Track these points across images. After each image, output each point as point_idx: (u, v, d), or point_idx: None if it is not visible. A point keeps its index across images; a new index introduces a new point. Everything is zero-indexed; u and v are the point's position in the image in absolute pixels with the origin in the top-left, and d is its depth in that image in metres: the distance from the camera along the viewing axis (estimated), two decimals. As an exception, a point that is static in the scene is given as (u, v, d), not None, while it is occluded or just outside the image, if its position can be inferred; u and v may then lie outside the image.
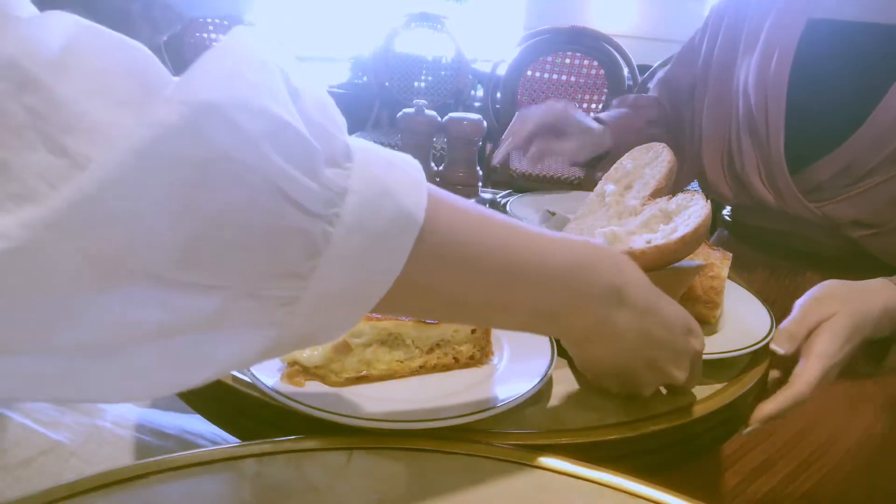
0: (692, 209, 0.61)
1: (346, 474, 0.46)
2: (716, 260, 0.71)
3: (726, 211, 1.12)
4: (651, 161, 0.76)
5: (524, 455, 0.48)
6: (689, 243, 0.58)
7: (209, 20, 2.70)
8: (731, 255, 0.72)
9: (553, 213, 0.95)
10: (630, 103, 1.16)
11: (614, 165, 0.79)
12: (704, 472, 0.79)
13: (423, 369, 0.62)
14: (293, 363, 0.57)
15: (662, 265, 0.60)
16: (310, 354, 0.57)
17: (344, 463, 0.47)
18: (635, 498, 0.46)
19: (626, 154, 0.80)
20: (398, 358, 0.61)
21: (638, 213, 0.68)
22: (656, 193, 0.70)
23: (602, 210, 0.73)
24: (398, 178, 0.37)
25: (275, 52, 0.34)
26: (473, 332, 0.62)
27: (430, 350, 0.62)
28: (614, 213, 0.71)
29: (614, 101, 1.19)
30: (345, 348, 0.59)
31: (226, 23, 2.71)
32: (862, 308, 0.67)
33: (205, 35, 2.76)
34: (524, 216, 0.97)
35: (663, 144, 0.77)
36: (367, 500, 0.44)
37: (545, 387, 0.58)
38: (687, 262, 0.62)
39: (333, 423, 0.50)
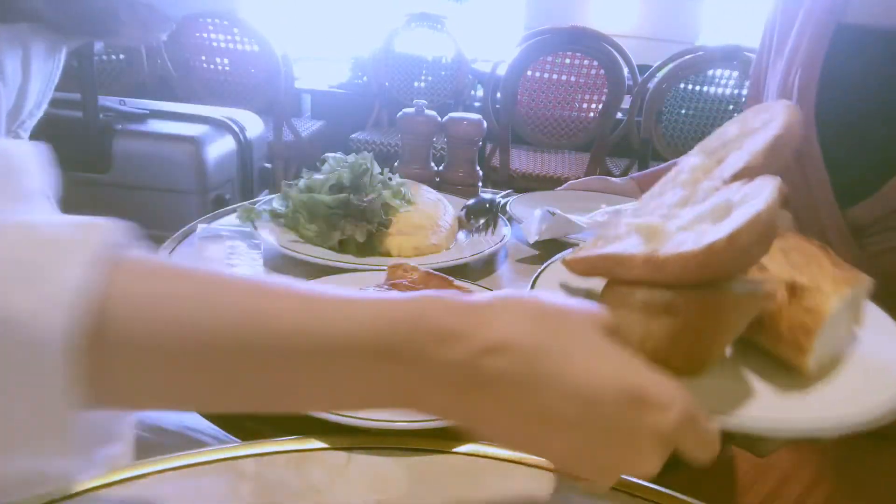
0: (757, 199, 0.41)
1: (346, 474, 0.46)
2: (822, 282, 0.48)
3: None
4: (761, 127, 0.55)
5: (523, 456, 0.48)
6: (740, 248, 0.39)
7: (209, 20, 2.70)
8: (864, 277, 0.51)
9: (553, 213, 0.93)
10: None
11: (716, 132, 0.59)
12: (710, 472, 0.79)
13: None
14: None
15: (704, 279, 0.41)
16: None
17: (344, 463, 0.47)
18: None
19: (736, 116, 0.60)
20: None
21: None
22: (747, 173, 0.48)
23: (673, 191, 0.53)
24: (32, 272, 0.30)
25: None
26: None
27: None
28: (682, 199, 0.50)
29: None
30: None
31: (226, 23, 2.71)
32: None
33: (205, 35, 2.75)
34: (524, 216, 0.97)
35: (786, 103, 0.55)
36: (366, 500, 0.44)
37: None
38: (748, 280, 0.44)
39: (333, 423, 0.50)
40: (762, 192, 0.41)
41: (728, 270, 0.41)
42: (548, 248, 0.95)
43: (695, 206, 0.47)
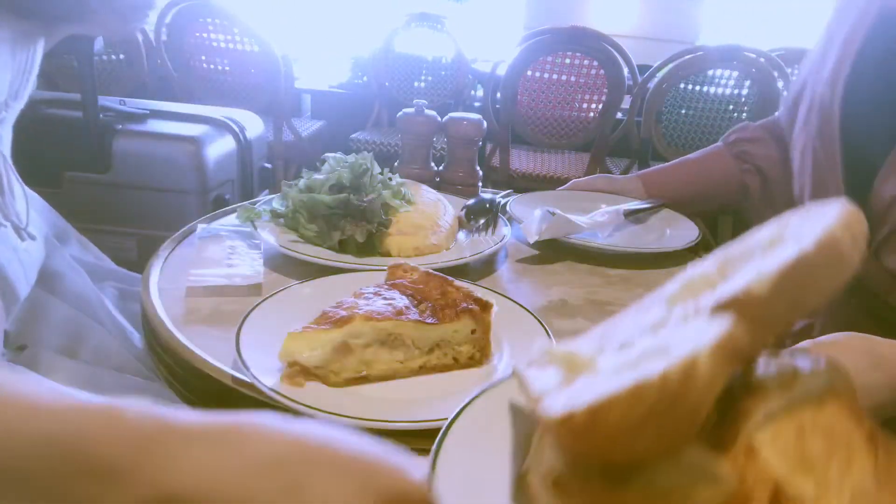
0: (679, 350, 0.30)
1: (346, 474, 0.46)
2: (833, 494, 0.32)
3: None
4: (792, 238, 0.36)
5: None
6: (609, 426, 0.29)
7: (209, 20, 2.70)
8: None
9: (553, 213, 0.93)
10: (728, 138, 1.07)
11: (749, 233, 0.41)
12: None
13: (423, 370, 0.61)
14: (293, 364, 0.57)
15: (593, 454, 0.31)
16: (309, 354, 0.57)
17: (344, 463, 0.47)
18: None
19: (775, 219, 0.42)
20: (398, 358, 0.60)
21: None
22: (740, 305, 0.32)
23: (659, 306, 0.38)
24: None
25: None
26: (473, 332, 0.62)
27: (430, 350, 0.61)
28: (660, 320, 0.36)
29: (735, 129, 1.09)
30: (344, 349, 0.58)
31: (226, 23, 2.70)
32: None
33: (205, 35, 2.75)
34: (524, 216, 0.97)
35: (844, 205, 0.35)
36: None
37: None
38: (693, 465, 0.32)
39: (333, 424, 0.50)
40: (700, 338, 0.29)
41: (605, 451, 0.30)
42: (548, 248, 0.95)
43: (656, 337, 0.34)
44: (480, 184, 1.18)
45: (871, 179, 0.74)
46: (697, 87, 2.59)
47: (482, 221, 0.96)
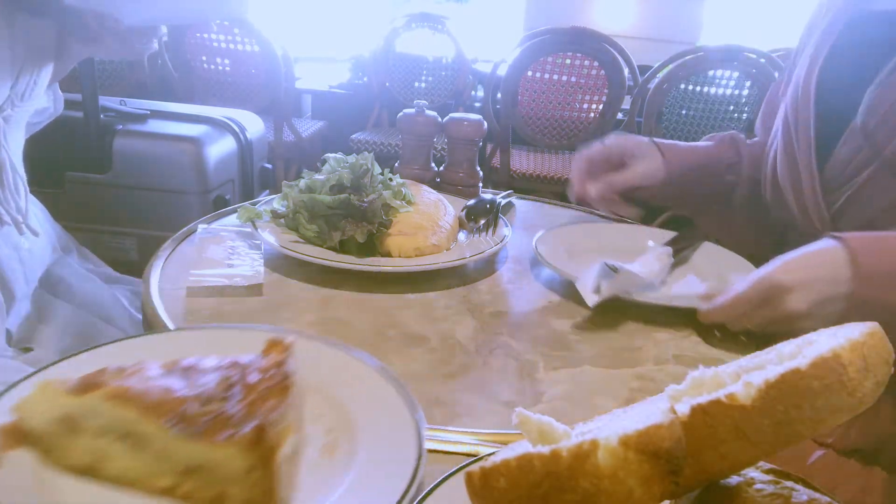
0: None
1: (345, 475, 0.46)
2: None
3: None
4: (800, 352, 0.35)
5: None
6: None
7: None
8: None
9: (615, 269, 0.77)
10: (716, 138, 1.06)
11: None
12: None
13: (172, 494, 0.43)
14: (17, 410, 0.43)
15: None
16: (40, 416, 0.43)
17: (344, 463, 0.47)
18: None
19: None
20: (141, 464, 0.43)
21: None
22: (704, 415, 0.33)
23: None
24: None
25: None
26: (251, 471, 0.41)
27: (185, 473, 0.42)
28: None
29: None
30: (71, 425, 0.43)
31: (226, 23, 2.70)
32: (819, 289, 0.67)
33: (205, 35, 2.75)
34: (563, 264, 0.84)
35: (870, 326, 0.34)
36: (367, 500, 0.44)
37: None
38: None
39: (333, 424, 0.50)
40: (626, 426, 0.29)
41: None
42: (608, 308, 0.79)
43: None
44: (481, 184, 1.18)
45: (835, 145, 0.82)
46: (698, 88, 2.59)
47: (483, 222, 0.96)
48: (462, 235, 0.95)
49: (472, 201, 1.00)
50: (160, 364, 0.45)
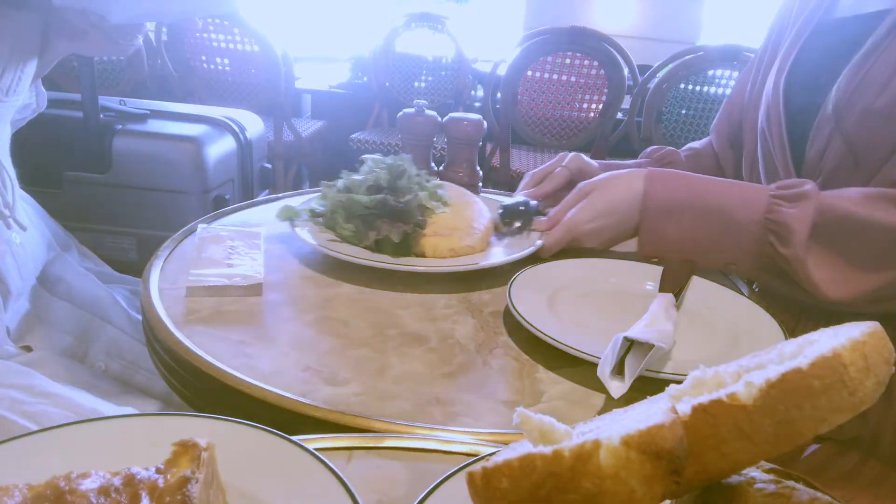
0: None
1: (346, 474, 0.46)
2: None
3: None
4: (801, 352, 0.34)
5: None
6: None
7: (209, 20, 2.70)
8: None
9: (631, 342, 0.62)
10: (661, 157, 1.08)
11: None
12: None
13: None
14: None
15: None
16: None
17: (344, 463, 0.47)
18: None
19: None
20: None
21: None
22: (703, 415, 0.33)
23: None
24: None
25: None
26: None
27: None
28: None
29: (646, 152, 1.12)
30: None
31: (226, 23, 2.71)
32: (615, 194, 0.85)
33: (205, 35, 2.75)
34: (532, 313, 0.71)
35: (872, 325, 0.34)
36: (367, 500, 0.44)
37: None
38: None
39: (333, 423, 0.50)
40: (627, 427, 0.29)
41: None
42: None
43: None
44: (481, 184, 1.18)
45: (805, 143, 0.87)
46: (698, 88, 2.59)
47: (517, 224, 0.95)
48: (495, 237, 0.95)
49: (508, 202, 0.98)
50: (26, 487, 0.34)
